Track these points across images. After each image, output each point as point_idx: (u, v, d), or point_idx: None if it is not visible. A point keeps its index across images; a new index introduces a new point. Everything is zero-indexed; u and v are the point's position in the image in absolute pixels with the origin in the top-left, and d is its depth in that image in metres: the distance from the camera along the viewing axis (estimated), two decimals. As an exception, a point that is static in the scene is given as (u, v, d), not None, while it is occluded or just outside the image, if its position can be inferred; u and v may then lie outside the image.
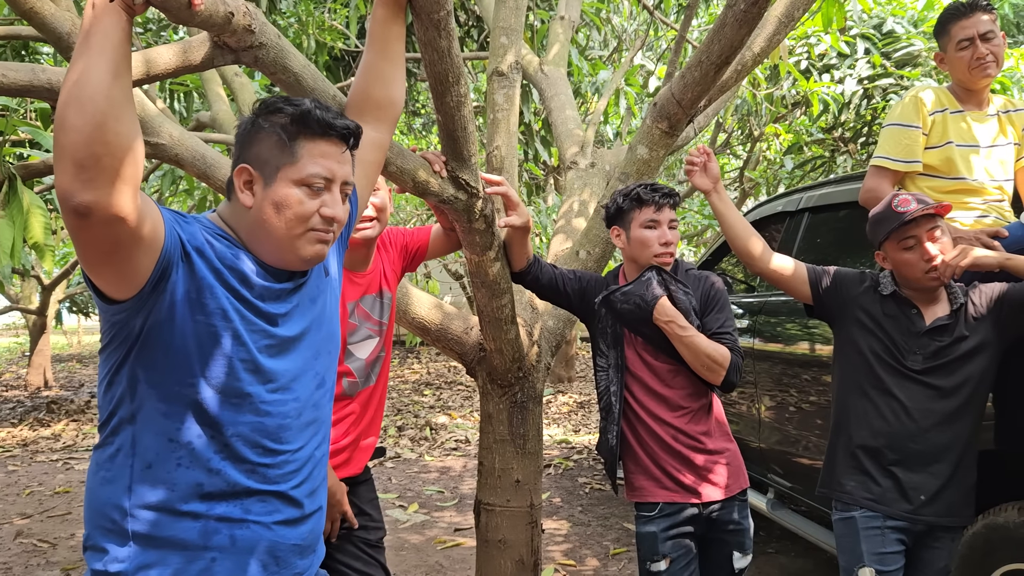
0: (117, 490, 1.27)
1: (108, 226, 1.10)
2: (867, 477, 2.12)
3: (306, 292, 1.43)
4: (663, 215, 2.24)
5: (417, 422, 8.06)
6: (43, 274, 10.84)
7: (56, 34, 1.96)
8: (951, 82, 2.66)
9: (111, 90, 1.07)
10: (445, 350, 2.74)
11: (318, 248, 1.36)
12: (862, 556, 2.08)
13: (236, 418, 1.30)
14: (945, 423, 2.06)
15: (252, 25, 1.48)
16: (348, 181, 1.39)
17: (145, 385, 1.26)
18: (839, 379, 2.26)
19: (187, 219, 1.31)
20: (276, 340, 1.35)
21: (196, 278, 1.26)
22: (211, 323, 1.27)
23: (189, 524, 1.27)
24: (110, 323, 1.27)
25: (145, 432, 1.27)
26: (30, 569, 4.05)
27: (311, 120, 1.34)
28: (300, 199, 1.33)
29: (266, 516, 1.33)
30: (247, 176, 1.35)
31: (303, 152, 1.34)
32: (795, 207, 3.80)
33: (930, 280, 2.08)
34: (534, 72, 3.72)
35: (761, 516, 3.58)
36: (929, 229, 2.07)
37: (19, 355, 16.44)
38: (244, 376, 1.30)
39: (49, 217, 2.53)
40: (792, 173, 8.39)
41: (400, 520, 4.86)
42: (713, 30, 2.15)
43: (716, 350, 2.17)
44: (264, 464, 1.33)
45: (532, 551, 2.69)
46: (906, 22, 7.09)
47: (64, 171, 1.06)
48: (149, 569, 1.26)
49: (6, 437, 7.58)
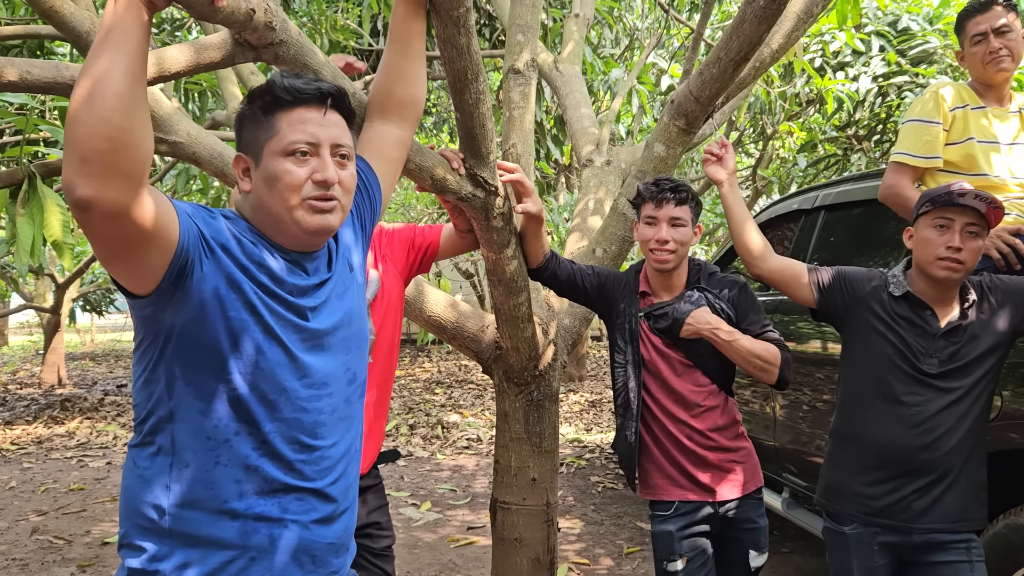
0: (155, 488, 1.27)
1: (110, 221, 1.09)
2: (867, 491, 2.04)
3: (334, 287, 1.42)
4: (662, 211, 2.19)
5: (429, 420, 8.07)
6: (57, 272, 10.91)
7: (75, 33, 1.97)
8: (970, 79, 2.66)
9: (123, 87, 1.07)
10: (461, 348, 2.74)
11: (319, 218, 1.34)
12: (852, 571, 2.05)
13: (273, 414, 1.30)
14: (957, 426, 1.98)
15: (273, 22, 1.48)
16: (338, 143, 1.36)
17: (182, 383, 1.26)
18: (844, 385, 2.17)
19: (214, 214, 1.31)
20: (308, 334, 1.35)
21: (224, 274, 1.26)
22: (242, 318, 1.26)
23: (228, 523, 1.27)
24: (139, 318, 1.27)
25: (184, 430, 1.26)
26: (46, 565, 4.07)
27: (279, 90, 1.34)
28: (288, 169, 1.32)
29: (303, 515, 1.33)
30: (243, 163, 1.37)
31: (281, 123, 1.33)
32: (811, 205, 3.78)
33: (939, 268, 1.98)
34: (549, 70, 3.72)
35: (776, 515, 3.57)
36: (969, 223, 1.97)
37: (33, 353, 16.55)
38: (280, 371, 1.30)
39: (68, 215, 2.54)
40: (805, 171, 8.35)
41: (413, 518, 4.86)
42: (732, 27, 2.13)
43: (766, 349, 2.15)
44: (301, 460, 1.33)
45: (548, 549, 2.69)
46: (921, 19, 7.05)
47: (69, 164, 1.07)
48: (187, 568, 1.25)
49: (21, 434, 7.63)
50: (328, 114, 1.37)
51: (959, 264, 1.97)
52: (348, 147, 1.39)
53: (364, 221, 1.60)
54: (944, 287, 2.03)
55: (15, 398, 9.97)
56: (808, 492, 3.42)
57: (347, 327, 1.43)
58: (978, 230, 1.98)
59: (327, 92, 1.36)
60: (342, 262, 1.47)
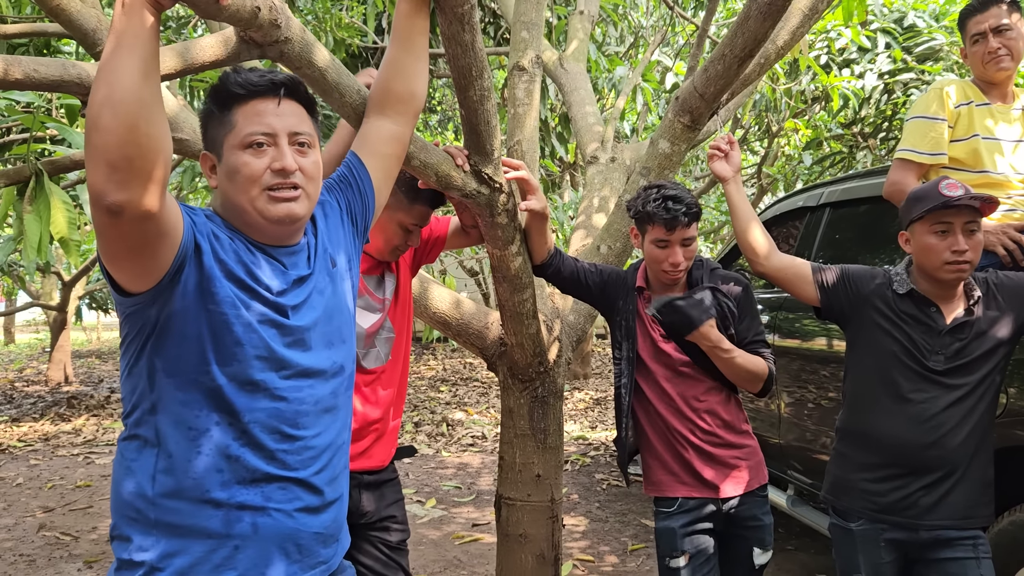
0: (141, 480, 1.29)
1: (138, 223, 1.13)
2: (873, 487, 2.04)
3: (315, 284, 1.44)
4: (676, 235, 2.15)
5: (434, 418, 8.08)
6: (63, 270, 10.94)
7: (82, 31, 1.98)
8: (974, 76, 2.66)
9: (142, 91, 1.09)
10: (466, 345, 2.74)
11: (283, 207, 1.36)
12: (859, 567, 2.05)
13: (252, 404, 1.31)
14: (963, 423, 1.98)
15: (278, 20, 1.48)
16: (296, 131, 1.38)
17: (163, 375, 1.28)
18: (850, 383, 2.17)
19: (195, 211, 1.34)
20: (288, 330, 1.36)
21: (204, 269, 1.28)
22: (222, 311, 1.29)
23: (211, 512, 1.29)
24: (126, 315, 1.29)
25: (166, 422, 1.29)
26: (53, 561, 4.09)
27: (232, 85, 1.36)
28: (246, 161, 1.34)
29: (287, 504, 1.34)
30: (209, 161, 1.40)
31: (237, 117, 1.36)
32: (816, 202, 3.77)
33: (947, 272, 1.97)
34: (553, 67, 3.71)
35: (781, 513, 3.57)
36: (967, 222, 1.97)
37: (40, 351, 16.61)
38: (255, 363, 1.32)
39: (74, 212, 2.55)
40: (811, 169, 8.33)
41: (418, 515, 4.87)
42: (737, 23, 2.13)
43: (755, 365, 2.19)
44: (282, 450, 1.34)
45: (553, 546, 2.69)
46: (927, 16, 7.02)
47: (97, 171, 1.09)
48: (173, 557, 1.27)
49: (28, 432, 7.66)
50: (283, 104, 1.39)
51: (967, 264, 1.97)
52: (308, 135, 1.40)
53: (355, 217, 1.61)
54: (951, 286, 2.03)
55: (22, 395, 10.01)
56: (813, 489, 3.42)
57: (327, 323, 1.44)
58: (976, 225, 1.99)
59: (279, 83, 1.39)
60: (323, 258, 1.49)
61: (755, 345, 2.24)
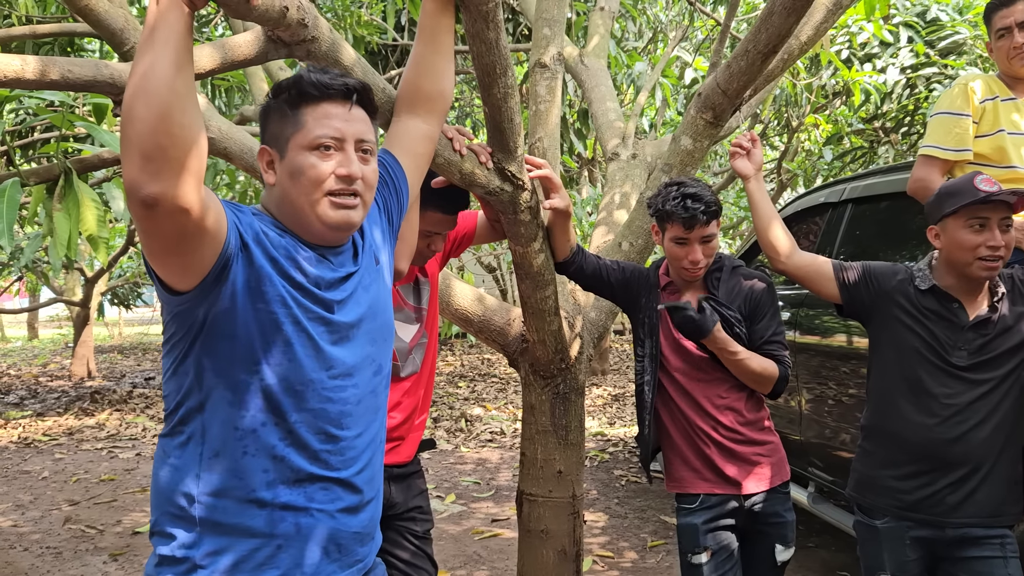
0: (185, 477, 1.29)
1: (173, 217, 1.13)
2: (899, 485, 2.04)
3: (360, 280, 1.44)
4: (695, 233, 2.15)
5: (452, 414, 8.11)
6: (86, 266, 11.07)
7: (110, 30, 2.01)
8: (999, 71, 2.63)
9: (175, 82, 1.10)
10: (487, 341, 2.76)
11: (343, 213, 1.35)
12: (884, 564, 2.04)
13: (299, 404, 1.32)
14: (989, 418, 1.97)
15: (305, 19, 1.50)
16: (363, 138, 1.38)
17: (211, 374, 1.28)
18: (874, 379, 2.16)
19: (242, 210, 1.34)
20: (334, 327, 1.37)
21: (255, 267, 1.28)
22: (271, 311, 1.29)
23: (255, 512, 1.29)
24: (173, 314, 1.29)
25: (213, 421, 1.29)
26: (79, 554, 4.15)
27: (306, 85, 1.36)
28: (312, 163, 1.34)
29: (329, 504, 1.35)
30: (267, 156, 1.39)
31: (307, 117, 1.35)
32: (838, 198, 3.75)
33: (979, 268, 1.96)
34: (574, 63, 3.71)
35: (802, 510, 3.55)
36: (1003, 218, 1.95)
37: (63, 346, 16.81)
38: (306, 363, 1.32)
39: (102, 209, 2.59)
40: (831, 164, 8.27)
41: (438, 510, 4.90)
42: (761, 18, 2.12)
43: (764, 368, 2.18)
44: (326, 450, 1.35)
45: (574, 542, 2.70)
46: (951, 9, 6.95)
47: (132, 162, 1.09)
48: (216, 556, 1.28)
49: (52, 426, 7.77)
50: (353, 109, 1.39)
51: (1000, 260, 1.96)
52: (371, 143, 1.41)
53: (391, 215, 1.62)
54: (979, 282, 2.02)
55: (46, 390, 10.14)
56: (834, 487, 3.40)
57: (372, 320, 1.45)
58: (1011, 221, 1.97)
59: (353, 88, 1.38)
60: (368, 255, 1.49)
61: (772, 346, 2.23)
